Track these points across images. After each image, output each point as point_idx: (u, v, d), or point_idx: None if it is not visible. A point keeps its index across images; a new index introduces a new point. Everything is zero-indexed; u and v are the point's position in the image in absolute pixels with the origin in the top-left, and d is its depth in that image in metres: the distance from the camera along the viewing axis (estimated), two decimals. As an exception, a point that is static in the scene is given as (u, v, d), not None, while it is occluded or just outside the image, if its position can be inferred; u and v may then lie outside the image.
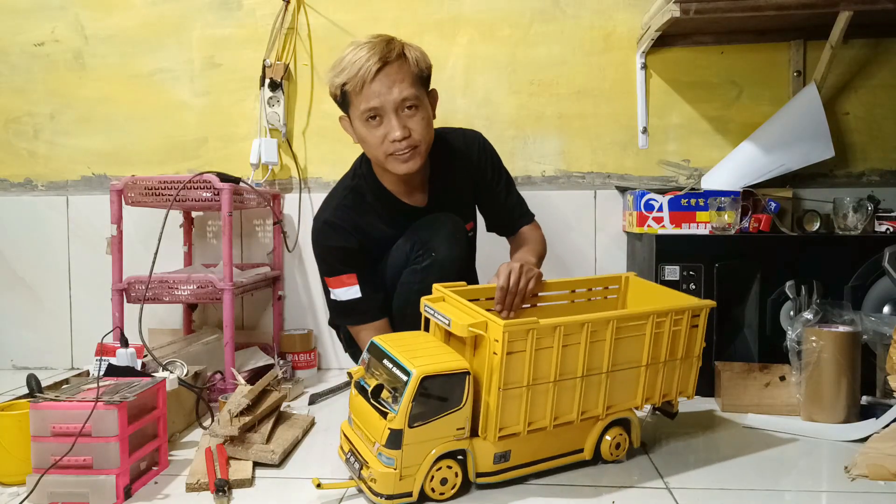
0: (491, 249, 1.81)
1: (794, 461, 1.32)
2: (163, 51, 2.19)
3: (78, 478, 1.12)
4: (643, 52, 2.05)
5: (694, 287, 1.75)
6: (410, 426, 1.07)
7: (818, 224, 1.91)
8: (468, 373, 1.11)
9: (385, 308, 1.55)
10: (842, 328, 1.54)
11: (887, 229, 1.84)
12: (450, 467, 1.12)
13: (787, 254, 1.73)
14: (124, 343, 1.54)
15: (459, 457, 1.13)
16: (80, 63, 2.22)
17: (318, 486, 1.11)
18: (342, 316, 1.58)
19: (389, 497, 1.08)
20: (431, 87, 1.53)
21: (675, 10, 1.72)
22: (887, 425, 1.36)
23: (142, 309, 1.64)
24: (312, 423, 1.56)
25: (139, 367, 1.52)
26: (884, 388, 1.48)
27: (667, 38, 2.00)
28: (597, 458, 1.27)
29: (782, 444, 1.41)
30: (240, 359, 1.88)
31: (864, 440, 1.34)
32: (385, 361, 1.16)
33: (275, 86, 2.11)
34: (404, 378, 1.08)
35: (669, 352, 1.30)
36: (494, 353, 1.11)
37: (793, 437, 1.45)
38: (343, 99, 1.47)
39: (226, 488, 1.15)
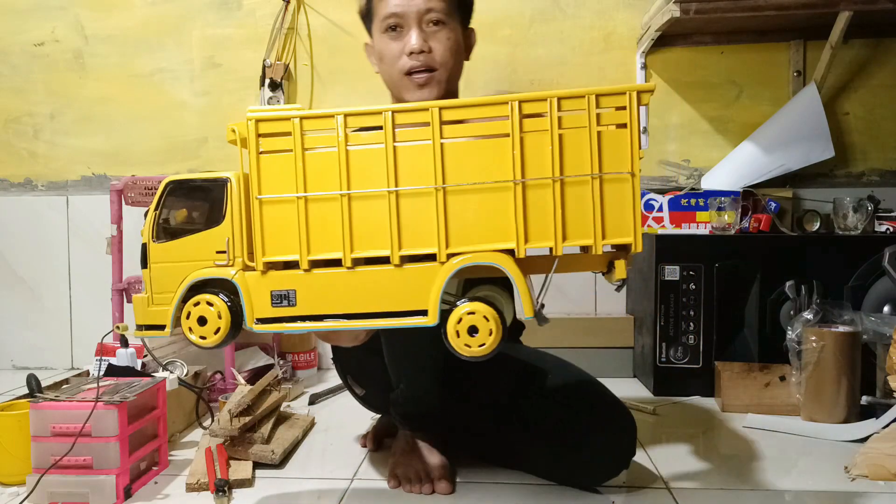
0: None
1: (794, 461, 1.32)
2: (163, 51, 2.19)
3: (78, 478, 1.11)
4: (643, 52, 2.05)
5: (694, 287, 1.75)
6: (156, 239, 0.93)
7: (818, 224, 1.91)
8: (228, 181, 0.92)
9: None
10: (842, 328, 1.54)
11: (887, 229, 1.84)
12: (210, 305, 0.91)
13: (787, 254, 1.73)
14: (124, 343, 1.54)
15: (224, 295, 0.91)
16: (80, 63, 2.22)
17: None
18: None
19: (139, 326, 0.94)
20: (471, 26, 1.36)
21: (675, 10, 1.72)
22: (887, 425, 1.35)
23: (142, 309, 1.63)
24: (312, 423, 1.56)
25: (139, 367, 1.52)
26: (884, 388, 1.48)
27: (667, 38, 2.00)
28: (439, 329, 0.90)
29: (782, 444, 1.41)
30: (240, 359, 1.88)
31: (864, 440, 1.34)
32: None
33: (275, 86, 2.11)
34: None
35: (562, 163, 0.88)
36: (251, 152, 0.92)
37: (793, 437, 1.45)
38: (368, 12, 1.32)
39: (226, 488, 1.15)
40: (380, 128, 0.89)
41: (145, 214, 0.94)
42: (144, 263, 0.93)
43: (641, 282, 1.90)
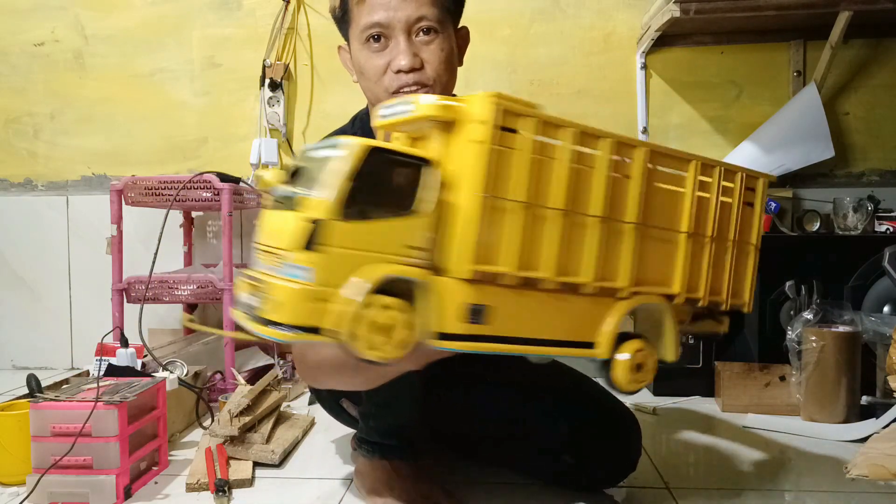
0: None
1: (794, 461, 1.32)
2: (163, 51, 2.19)
3: (78, 478, 1.11)
4: (643, 52, 2.05)
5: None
6: (345, 217, 0.70)
7: (818, 224, 1.91)
8: (429, 163, 0.75)
9: None
10: (842, 328, 1.54)
11: (887, 229, 1.84)
12: (388, 308, 0.71)
13: (787, 254, 1.73)
14: (124, 343, 1.54)
15: (407, 300, 0.73)
16: (80, 63, 2.22)
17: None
18: None
19: (290, 327, 0.69)
20: (462, 24, 1.21)
21: (675, 10, 1.72)
22: (887, 425, 1.36)
23: (142, 309, 1.63)
24: (312, 423, 1.56)
25: (139, 367, 1.52)
26: (884, 388, 1.48)
27: (667, 38, 2.00)
28: (607, 368, 0.87)
29: (782, 444, 1.41)
30: (240, 359, 1.87)
31: (864, 440, 1.34)
32: (311, 154, 0.77)
33: (275, 86, 2.11)
34: (338, 154, 0.72)
35: (718, 226, 0.93)
36: (478, 141, 0.74)
37: (793, 437, 1.45)
38: (343, 15, 1.12)
39: (226, 488, 1.15)
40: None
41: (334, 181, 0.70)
42: (313, 244, 0.69)
43: (641, 282, 1.90)
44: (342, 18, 1.14)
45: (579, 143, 0.81)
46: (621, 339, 0.86)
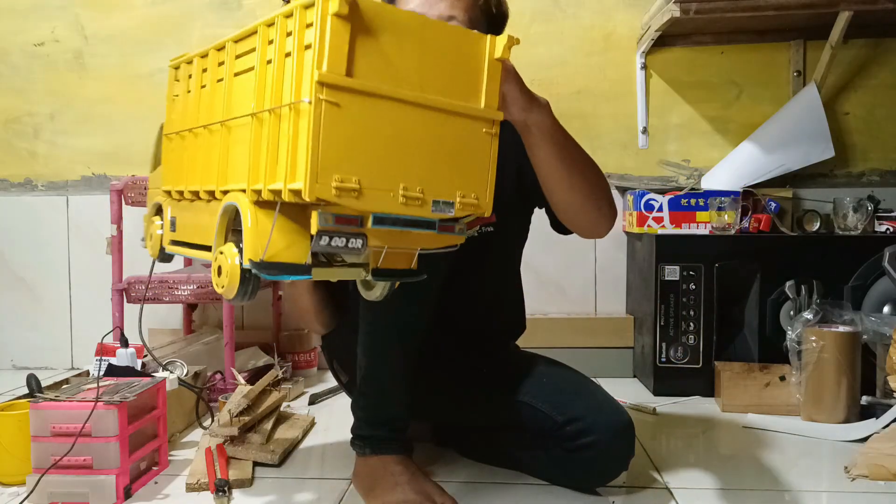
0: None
1: (794, 461, 1.32)
2: (163, 51, 2.19)
3: (78, 478, 1.11)
4: (643, 52, 2.05)
5: (694, 287, 1.75)
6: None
7: (818, 224, 1.91)
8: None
9: None
10: (842, 328, 1.54)
11: (887, 229, 1.84)
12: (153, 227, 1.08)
13: (787, 254, 1.73)
14: (124, 343, 1.54)
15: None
16: (80, 63, 2.22)
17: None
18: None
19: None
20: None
21: (675, 10, 1.72)
22: (887, 425, 1.36)
23: (142, 309, 1.62)
24: (312, 423, 1.56)
25: (139, 367, 1.52)
26: (884, 388, 1.49)
27: (667, 38, 2.00)
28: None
29: (782, 444, 1.41)
30: (240, 359, 1.87)
31: (864, 440, 1.34)
32: None
33: (275, 86, 2.11)
34: None
35: (261, 99, 0.78)
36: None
37: (793, 437, 1.45)
38: None
39: (226, 488, 1.15)
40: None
41: None
42: None
43: (641, 282, 1.90)
44: None
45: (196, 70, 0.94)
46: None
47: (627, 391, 1.80)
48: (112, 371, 1.42)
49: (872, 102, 2.04)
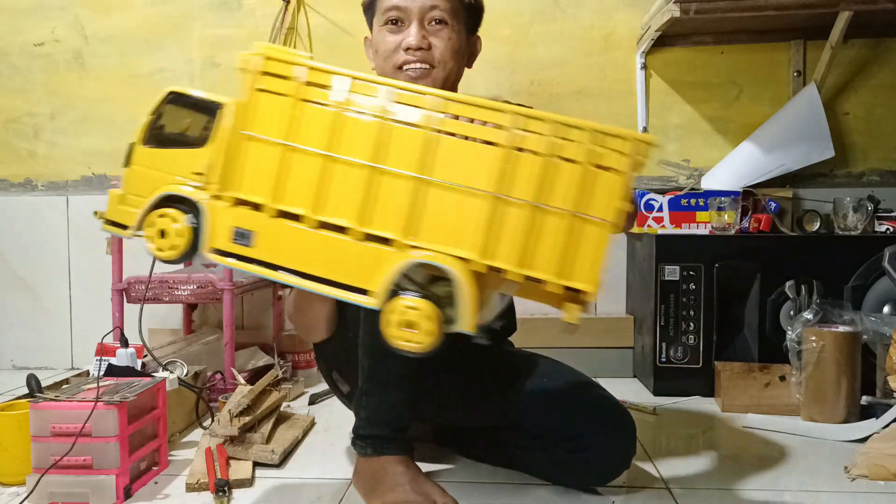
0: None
1: (794, 461, 1.32)
2: (163, 51, 2.19)
3: (78, 478, 1.11)
4: (643, 52, 2.05)
5: (694, 287, 1.75)
6: (144, 143, 0.96)
7: (818, 224, 1.91)
8: (222, 106, 0.94)
9: None
10: (842, 328, 1.54)
11: (887, 229, 1.84)
12: (175, 223, 0.91)
13: (787, 254, 1.74)
14: (124, 343, 1.54)
15: (191, 217, 0.91)
16: (80, 63, 2.22)
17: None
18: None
19: (107, 220, 0.96)
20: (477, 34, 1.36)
21: (675, 10, 1.72)
22: (887, 425, 1.36)
23: (142, 309, 1.63)
24: (312, 423, 1.56)
25: (139, 367, 1.52)
26: (884, 388, 1.49)
27: (667, 38, 2.00)
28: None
29: (782, 444, 1.41)
30: (240, 359, 1.87)
31: (864, 440, 1.34)
32: None
33: (275, 86, 2.11)
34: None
35: (541, 190, 0.83)
36: (243, 85, 0.93)
37: (793, 437, 1.45)
38: (371, 4, 1.28)
39: (226, 488, 1.15)
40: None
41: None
42: (127, 162, 0.95)
43: (641, 282, 1.90)
44: (370, 7, 1.28)
45: (354, 91, 0.89)
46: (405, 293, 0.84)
47: (627, 391, 1.80)
48: (112, 371, 1.42)
49: (872, 102, 2.04)
